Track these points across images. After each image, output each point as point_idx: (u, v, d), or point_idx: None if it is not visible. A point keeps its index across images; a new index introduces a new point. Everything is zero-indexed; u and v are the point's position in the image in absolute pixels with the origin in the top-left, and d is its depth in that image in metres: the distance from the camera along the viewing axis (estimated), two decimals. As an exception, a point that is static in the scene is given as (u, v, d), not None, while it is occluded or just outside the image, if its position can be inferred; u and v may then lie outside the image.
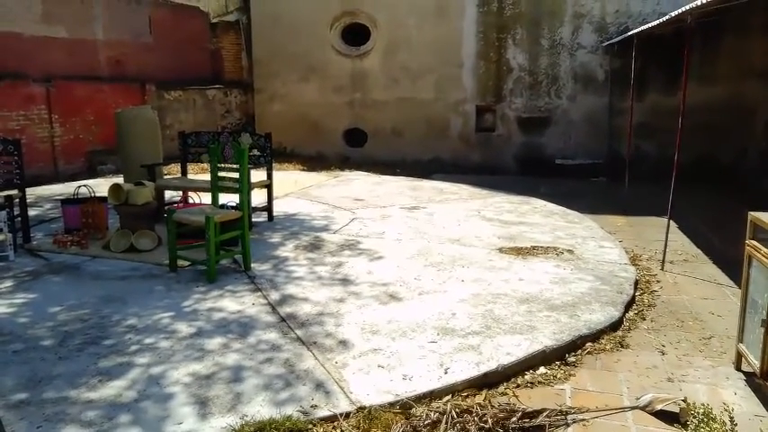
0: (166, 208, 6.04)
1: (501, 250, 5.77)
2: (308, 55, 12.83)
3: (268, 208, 6.98)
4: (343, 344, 3.65)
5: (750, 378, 3.38)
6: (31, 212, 6.57)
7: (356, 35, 12.57)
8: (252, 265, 5.16)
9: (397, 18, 12.02)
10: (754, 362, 3.23)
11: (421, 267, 5.19)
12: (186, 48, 13.32)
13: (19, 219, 5.86)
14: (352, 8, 12.36)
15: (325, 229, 6.65)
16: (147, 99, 11.44)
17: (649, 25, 7.54)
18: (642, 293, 4.80)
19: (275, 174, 7.36)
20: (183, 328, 3.88)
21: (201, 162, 7.21)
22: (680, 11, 5.86)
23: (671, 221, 5.74)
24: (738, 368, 3.50)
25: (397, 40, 12.12)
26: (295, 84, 13.12)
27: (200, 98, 12.99)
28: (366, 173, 11.11)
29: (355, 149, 12.82)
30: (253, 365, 3.37)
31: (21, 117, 9.51)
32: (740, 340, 3.46)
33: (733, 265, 4.83)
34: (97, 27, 11.18)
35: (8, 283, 4.78)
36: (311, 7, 12.59)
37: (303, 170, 11.48)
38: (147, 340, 3.70)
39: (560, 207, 7.86)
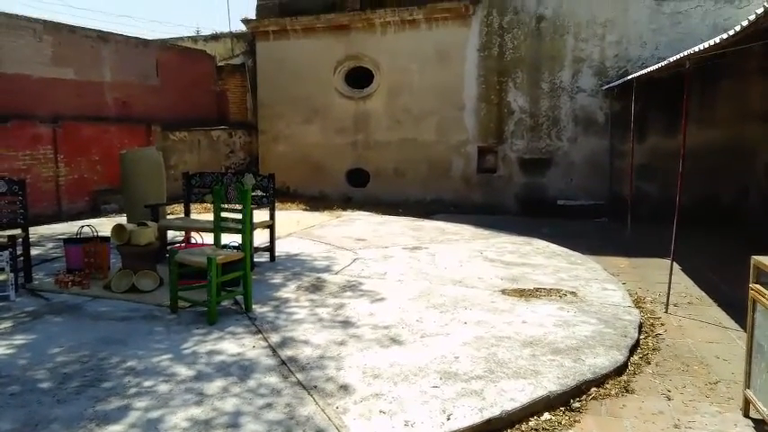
0: (169, 248, 6.06)
1: (504, 292, 5.74)
2: (312, 97, 13.04)
3: (270, 248, 6.98)
4: (345, 388, 3.60)
5: (759, 425, 3.32)
6: (34, 252, 6.57)
7: (359, 78, 12.80)
8: (253, 306, 5.13)
9: (399, 62, 12.25)
10: (762, 409, 3.17)
11: (423, 309, 5.16)
12: (192, 90, 13.56)
13: (21, 258, 5.86)
14: (356, 52, 12.61)
15: (326, 269, 6.63)
16: (152, 140, 11.58)
17: (648, 70, 7.66)
18: (646, 337, 4.75)
19: (278, 213, 7.39)
20: (183, 371, 3.84)
21: (205, 202, 7.24)
22: (678, 56, 5.97)
23: (674, 263, 5.72)
24: (746, 415, 3.44)
25: (399, 82, 12.32)
26: (299, 125, 13.30)
27: (205, 139, 13.15)
28: (368, 213, 11.15)
29: (358, 189, 12.90)
30: (252, 411, 3.32)
31: (27, 157, 9.62)
32: (747, 386, 3.40)
33: (738, 308, 4.79)
34: (105, 69, 11.41)
35: (8, 324, 4.75)
36: (316, 51, 12.86)
37: (306, 210, 11.53)
38: (146, 383, 3.66)
39: (563, 248, 7.85)
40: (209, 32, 15.77)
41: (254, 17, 13.42)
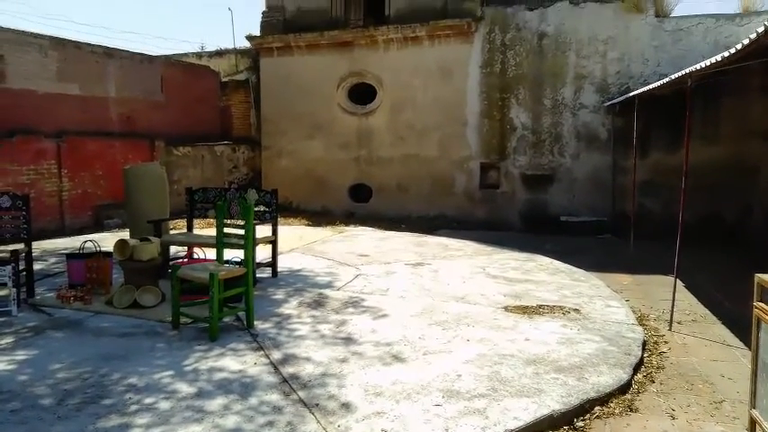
0: (171, 263, 6.06)
1: (507, 309, 5.71)
2: (315, 113, 13.11)
3: (272, 264, 6.98)
4: (346, 406, 3.57)
5: (765, 446, 3.27)
6: (36, 266, 6.57)
7: (362, 94, 12.86)
8: (255, 322, 5.12)
9: (402, 78, 12.32)
10: (768, 429, 3.14)
11: (425, 326, 5.14)
12: (196, 105, 13.64)
13: (24, 273, 5.86)
14: (359, 69, 12.69)
15: (329, 285, 6.62)
16: (156, 155, 11.63)
17: (650, 87, 7.69)
18: (650, 355, 4.72)
19: (280, 228, 7.39)
20: (184, 388, 3.82)
21: (208, 217, 7.25)
22: (680, 74, 6.00)
23: (677, 280, 5.70)
24: (752, 435, 3.40)
25: (402, 99, 12.38)
26: (302, 140, 13.35)
27: (209, 154, 13.20)
28: (371, 228, 11.15)
29: (360, 205, 12.91)
30: (253, 429, 3.30)
31: (31, 171, 9.67)
32: (753, 406, 3.37)
33: (742, 326, 4.76)
34: (110, 85, 11.50)
35: (9, 339, 4.74)
36: (319, 68, 12.95)
37: (308, 225, 11.54)
38: (147, 400, 3.64)
39: (566, 265, 7.83)
40: (213, 49, 15.89)
41: (259, 34, 13.54)
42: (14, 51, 9.75)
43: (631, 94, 8.92)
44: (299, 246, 9.09)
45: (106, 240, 7.87)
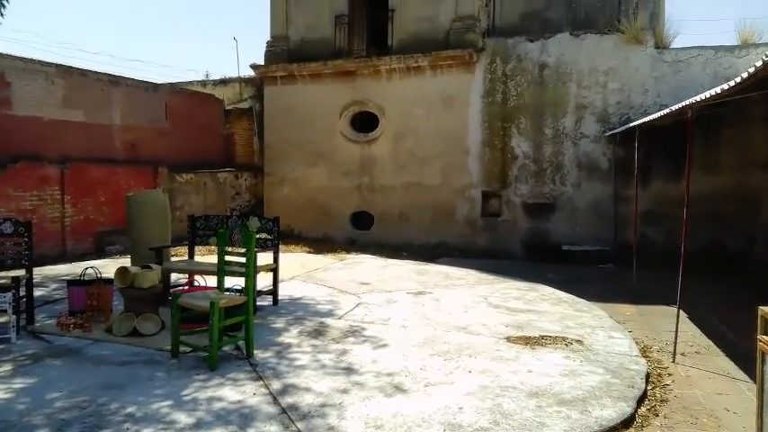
0: (172, 291, 6.04)
1: (509, 339, 5.67)
2: (318, 140, 13.20)
3: (273, 292, 6.95)
4: (346, 438, 3.53)
5: (772, 483, 3.22)
6: (37, 293, 6.55)
7: (365, 122, 12.97)
8: (255, 351, 5.08)
9: (404, 107, 12.43)
10: (775, 466, 3.09)
11: (427, 356, 5.09)
12: (200, 132, 13.75)
13: (24, 300, 5.85)
14: (362, 98, 12.82)
15: (329, 314, 6.59)
16: (159, 181, 11.68)
17: (651, 117, 7.75)
18: (654, 387, 4.66)
19: (282, 256, 7.39)
20: (183, 418, 3.78)
21: (209, 245, 7.25)
22: (680, 105, 6.05)
23: (680, 311, 5.66)
24: (759, 471, 3.34)
25: (404, 127, 12.48)
26: (304, 168, 13.42)
27: (212, 181, 13.26)
28: (372, 256, 11.13)
29: (362, 232, 12.92)
30: (252, 461, 3.25)
31: (34, 197, 9.70)
32: (759, 441, 3.32)
33: (747, 359, 4.71)
34: (115, 112, 11.61)
35: (7, 367, 4.70)
36: (322, 96, 13.08)
37: (310, 252, 11.52)
38: (145, 431, 3.59)
39: (568, 294, 7.79)
40: (218, 77, 16.08)
41: (263, 63, 13.71)
42: (21, 79, 9.88)
43: (632, 124, 8.98)
44: (300, 273, 9.06)
45: (107, 267, 7.86)
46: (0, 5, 8.01)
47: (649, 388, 4.62)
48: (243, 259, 5.28)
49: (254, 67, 13.81)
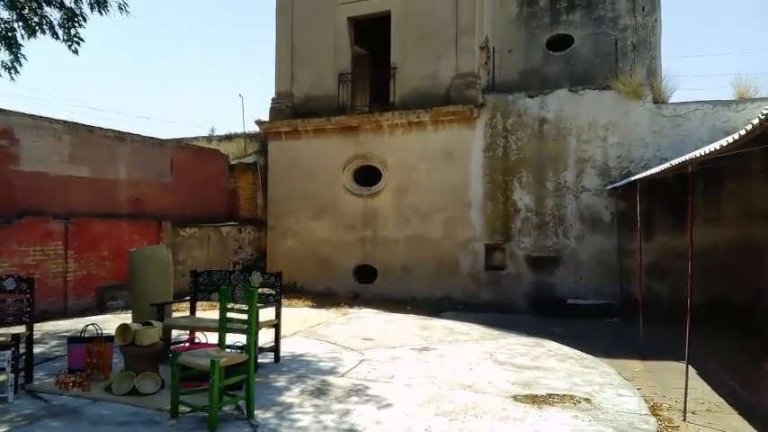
0: (172, 348, 5.97)
1: (515, 398, 5.55)
2: (321, 194, 13.30)
3: (275, 348, 6.86)
4: (349, 505, 3.41)
5: None
6: (37, 350, 6.46)
7: (368, 175, 13.09)
8: (255, 411, 4.97)
9: (407, 161, 12.56)
10: None
11: (432, 416, 4.97)
12: (205, 187, 13.87)
13: (23, 357, 5.77)
14: (365, 152, 12.98)
15: (332, 371, 6.47)
16: (162, 236, 11.71)
17: (651, 172, 7.80)
18: (666, 449, 4.53)
19: (284, 310, 7.32)
20: (180, 484, 3.66)
21: (211, 300, 7.20)
22: (680, 160, 6.10)
23: (689, 366, 5.55)
24: None
25: (407, 181, 12.58)
26: (307, 221, 13.47)
27: (215, 234, 13.29)
28: (375, 310, 11.03)
29: (365, 286, 12.84)
30: None
31: (37, 252, 9.71)
32: (778, 508, 3.19)
33: (760, 417, 4.60)
34: (120, 167, 11.74)
35: (3, 428, 4.60)
36: (325, 151, 13.25)
37: (312, 307, 11.42)
38: (141, 498, 3.48)
39: (575, 350, 7.67)
40: (223, 133, 16.35)
41: (268, 119, 13.96)
42: (30, 135, 10.05)
43: (633, 178, 9.04)
44: (302, 329, 8.96)
45: (109, 323, 7.80)
46: (13, 68, 8.24)
47: (661, 449, 4.49)
48: (245, 316, 5.23)
49: (258, 122, 14.05)
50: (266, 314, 6.82)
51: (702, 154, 5.39)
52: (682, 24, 50.59)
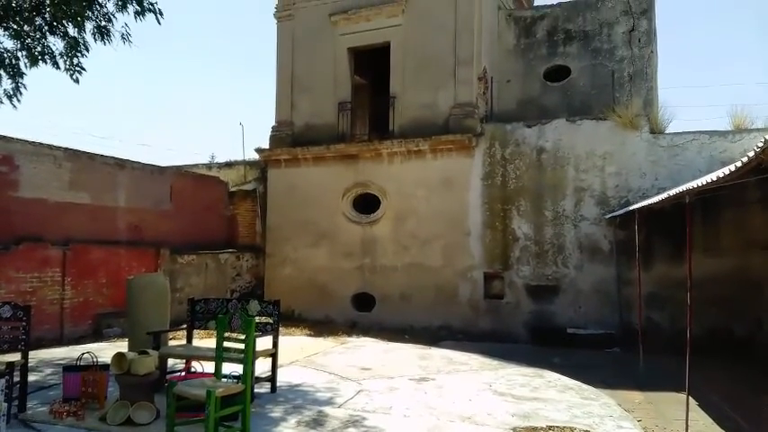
0: (168, 377, 5.91)
1: (515, 430, 5.48)
2: (320, 221, 13.31)
3: (272, 378, 6.79)
4: None
5: None
6: (31, 378, 6.40)
7: (367, 203, 13.11)
8: (251, 442, 4.90)
9: (406, 189, 12.61)
10: None
11: (430, 448, 4.91)
12: (204, 214, 13.88)
13: (18, 386, 5.70)
14: (364, 180, 13.03)
15: (329, 402, 6.40)
16: (160, 263, 11.67)
17: (649, 201, 7.83)
18: (668, 483, 4.46)
19: (281, 339, 7.26)
20: None
21: (209, 329, 7.15)
22: (678, 190, 6.13)
23: (690, 398, 5.50)
24: None
25: (406, 209, 12.60)
26: (306, 249, 13.45)
27: (213, 261, 13.25)
28: (374, 339, 10.95)
29: (363, 314, 12.77)
30: None
31: (34, 279, 9.66)
32: None
33: (763, 453, 4.53)
34: (120, 194, 11.76)
35: (-6, 460, 4.53)
36: (325, 178, 13.31)
37: (310, 335, 11.34)
38: None
39: (575, 381, 7.60)
40: (223, 160, 16.44)
41: (268, 147, 14.04)
42: (30, 162, 10.08)
43: (631, 207, 9.06)
44: (299, 358, 8.89)
45: (105, 351, 7.74)
46: (15, 96, 8.31)
47: (663, 484, 4.42)
48: (242, 345, 5.19)
49: (258, 150, 14.14)
50: (264, 343, 6.78)
51: (700, 184, 5.42)
52: (678, 55, 51.31)
